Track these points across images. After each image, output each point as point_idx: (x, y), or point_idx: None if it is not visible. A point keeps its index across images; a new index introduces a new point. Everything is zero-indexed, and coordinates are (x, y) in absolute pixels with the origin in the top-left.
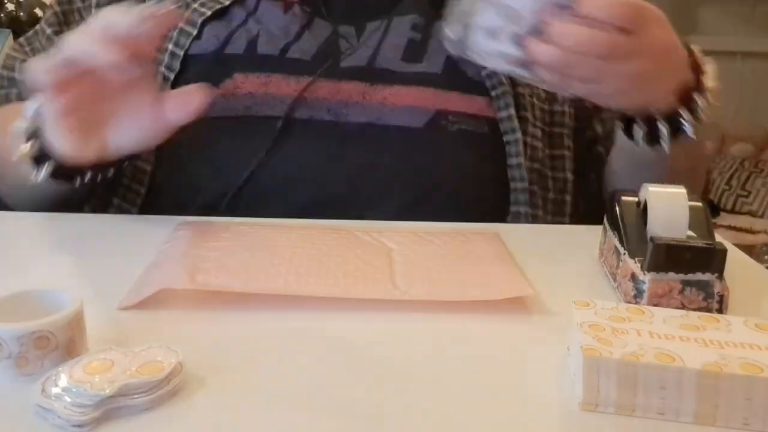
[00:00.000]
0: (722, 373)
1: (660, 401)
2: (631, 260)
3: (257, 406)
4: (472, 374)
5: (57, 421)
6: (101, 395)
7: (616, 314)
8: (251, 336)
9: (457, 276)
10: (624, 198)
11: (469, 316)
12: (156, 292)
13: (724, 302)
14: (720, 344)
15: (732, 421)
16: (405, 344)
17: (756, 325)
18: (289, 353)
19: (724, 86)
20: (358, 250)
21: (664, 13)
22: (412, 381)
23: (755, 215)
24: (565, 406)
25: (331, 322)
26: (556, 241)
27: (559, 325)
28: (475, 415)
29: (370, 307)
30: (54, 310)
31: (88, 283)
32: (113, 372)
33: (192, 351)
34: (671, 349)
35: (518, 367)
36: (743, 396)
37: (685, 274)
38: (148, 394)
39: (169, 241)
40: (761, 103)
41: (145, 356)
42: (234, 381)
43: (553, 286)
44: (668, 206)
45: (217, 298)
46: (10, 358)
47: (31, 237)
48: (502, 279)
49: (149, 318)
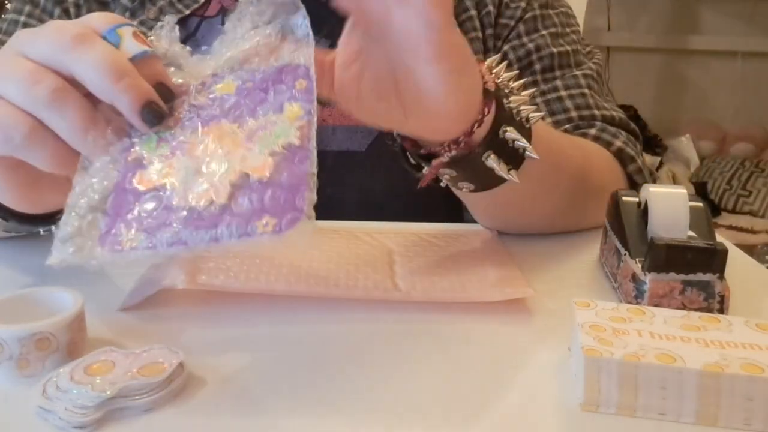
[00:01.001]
0: (723, 374)
1: (661, 401)
2: (631, 260)
3: (258, 407)
4: (472, 375)
5: (58, 422)
6: (102, 396)
7: (616, 314)
8: (252, 336)
9: (457, 277)
10: (624, 198)
11: (470, 317)
12: (157, 292)
13: (725, 302)
14: (721, 344)
15: (733, 421)
16: (406, 345)
17: (757, 325)
18: (290, 354)
19: (724, 86)
20: (358, 250)
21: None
22: (413, 381)
23: (756, 215)
24: (566, 407)
25: (331, 322)
26: (557, 242)
27: (560, 326)
28: (476, 416)
29: (371, 308)
30: (55, 311)
31: (89, 285)
32: (114, 373)
33: (193, 352)
34: (672, 349)
35: (519, 367)
36: (744, 396)
37: (686, 275)
38: (149, 395)
39: None
40: (761, 102)
41: (147, 357)
42: (235, 382)
43: (554, 286)
44: (669, 206)
45: (218, 299)
46: (11, 360)
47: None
48: (503, 280)
49: (150, 319)
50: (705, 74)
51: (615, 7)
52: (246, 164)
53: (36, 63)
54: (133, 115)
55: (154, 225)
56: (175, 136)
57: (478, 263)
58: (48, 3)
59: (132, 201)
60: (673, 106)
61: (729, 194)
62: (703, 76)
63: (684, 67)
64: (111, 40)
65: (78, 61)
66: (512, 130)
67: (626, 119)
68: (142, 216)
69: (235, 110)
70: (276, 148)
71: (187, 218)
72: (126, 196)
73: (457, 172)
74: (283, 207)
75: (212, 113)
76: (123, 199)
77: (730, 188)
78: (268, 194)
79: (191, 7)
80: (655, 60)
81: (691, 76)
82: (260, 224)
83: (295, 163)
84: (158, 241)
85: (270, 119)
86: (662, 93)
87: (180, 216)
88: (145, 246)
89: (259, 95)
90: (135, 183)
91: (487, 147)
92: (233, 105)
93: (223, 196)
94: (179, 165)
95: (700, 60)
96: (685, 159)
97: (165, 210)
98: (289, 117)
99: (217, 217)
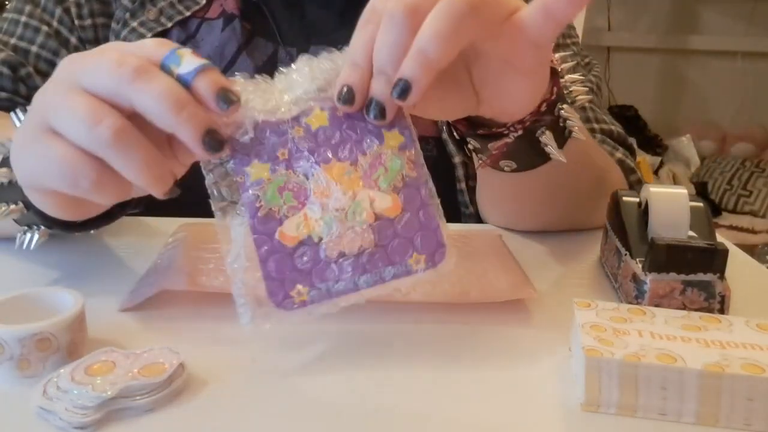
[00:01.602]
0: (724, 374)
1: (661, 402)
2: (632, 261)
3: (259, 408)
4: (473, 375)
5: (59, 422)
6: (103, 397)
7: (617, 315)
8: (252, 337)
9: (458, 277)
10: (625, 198)
11: (471, 317)
12: (157, 293)
13: (725, 302)
14: (721, 344)
15: (734, 421)
16: (406, 345)
17: (757, 325)
18: (290, 354)
19: (725, 86)
20: None
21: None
22: (414, 382)
23: (756, 215)
24: (566, 407)
25: (331, 323)
26: (557, 242)
27: (561, 326)
28: (477, 416)
29: (371, 308)
30: (55, 312)
31: (90, 285)
32: (115, 373)
33: (194, 352)
34: (673, 349)
35: (520, 367)
36: (745, 396)
37: (687, 275)
38: (149, 395)
39: (169, 243)
40: (762, 102)
41: (147, 358)
42: (235, 382)
43: (555, 286)
44: (669, 206)
45: (219, 300)
46: (11, 360)
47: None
48: (504, 280)
49: (151, 319)
50: (705, 74)
51: (615, 7)
52: (377, 205)
53: (95, 97)
54: (196, 143)
55: (321, 277)
56: (290, 180)
57: (480, 264)
58: (49, 2)
59: (288, 259)
60: (673, 106)
61: (729, 194)
62: (704, 76)
63: (684, 67)
64: (172, 61)
65: (140, 93)
66: (567, 108)
67: (624, 134)
68: (304, 271)
69: (342, 146)
70: (397, 184)
71: (353, 265)
72: (283, 257)
73: (507, 148)
74: (429, 243)
75: (322, 152)
76: (281, 260)
77: (731, 188)
78: (410, 234)
79: (192, 9)
80: (656, 60)
81: (691, 76)
82: (412, 261)
83: (420, 194)
84: (335, 291)
85: (377, 151)
86: (662, 93)
87: (343, 265)
88: (321, 298)
89: (358, 125)
90: (281, 240)
91: (542, 122)
92: (339, 141)
93: (369, 241)
94: (313, 215)
95: (700, 60)
96: (686, 159)
97: (320, 261)
98: (391, 146)
99: (375, 261)
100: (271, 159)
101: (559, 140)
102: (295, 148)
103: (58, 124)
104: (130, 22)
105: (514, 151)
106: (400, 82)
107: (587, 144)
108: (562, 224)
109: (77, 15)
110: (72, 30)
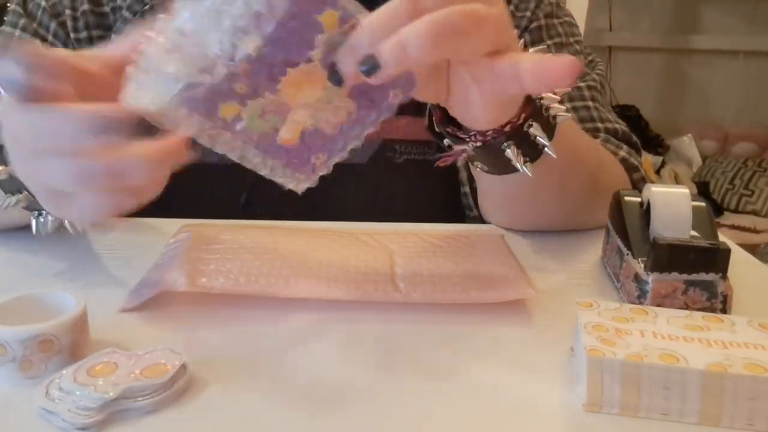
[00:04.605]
0: (726, 374)
1: (664, 402)
2: (634, 260)
3: (261, 408)
4: (475, 375)
5: (61, 423)
6: (105, 398)
7: (619, 315)
8: (253, 338)
9: (459, 278)
10: (627, 198)
11: (472, 318)
12: (158, 294)
13: (727, 302)
14: (724, 344)
15: (736, 421)
16: (407, 346)
17: (760, 324)
18: (292, 355)
19: (726, 85)
20: (359, 252)
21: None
22: (414, 382)
23: (759, 214)
24: (568, 407)
25: (332, 324)
26: (559, 242)
27: (562, 326)
28: (478, 416)
29: (372, 309)
30: (57, 313)
31: (91, 286)
32: (117, 374)
33: (195, 353)
34: (675, 349)
35: (522, 368)
36: (747, 396)
37: (689, 274)
38: (151, 396)
39: (170, 244)
40: (764, 102)
41: (149, 359)
42: (237, 383)
43: (556, 286)
44: (671, 206)
45: (220, 301)
46: (14, 361)
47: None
48: (505, 280)
49: (153, 320)
50: (707, 74)
51: (616, 7)
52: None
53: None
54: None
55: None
56: (266, 104)
57: (481, 264)
58: (44, 16)
59: (300, 148)
60: (675, 105)
61: (731, 194)
62: (705, 76)
63: (686, 66)
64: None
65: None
66: (537, 126)
67: (628, 132)
68: (314, 147)
69: (289, 53)
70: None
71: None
72: (294, 148)
73: (474, 153)
74: (405, 78)
75: (275, 70)
76: (294, 150)
77: (733, 188)
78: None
79: None
80: (657, 60)
81: (693, 75)
82: (392, 98)
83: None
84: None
85: (322, 39)
86: (664, 93)
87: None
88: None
89: (293, 27)
90: (285, 146)
91: (508, 138)
92: (285, 49)
93: (353, 107)
94: (300, 118)
95: (702, 59)
96: (688, 158)
97: (326, 138)
98: (332, 25)
99: (362, 118)
100: (235, 98)
101: (531, 154)
102: (251, 79)
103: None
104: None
105: (480, 157)
106: (369, 60)
107: (576, 146)
108: (564, 225)
109: (73, 28)
110: (66, 44)
